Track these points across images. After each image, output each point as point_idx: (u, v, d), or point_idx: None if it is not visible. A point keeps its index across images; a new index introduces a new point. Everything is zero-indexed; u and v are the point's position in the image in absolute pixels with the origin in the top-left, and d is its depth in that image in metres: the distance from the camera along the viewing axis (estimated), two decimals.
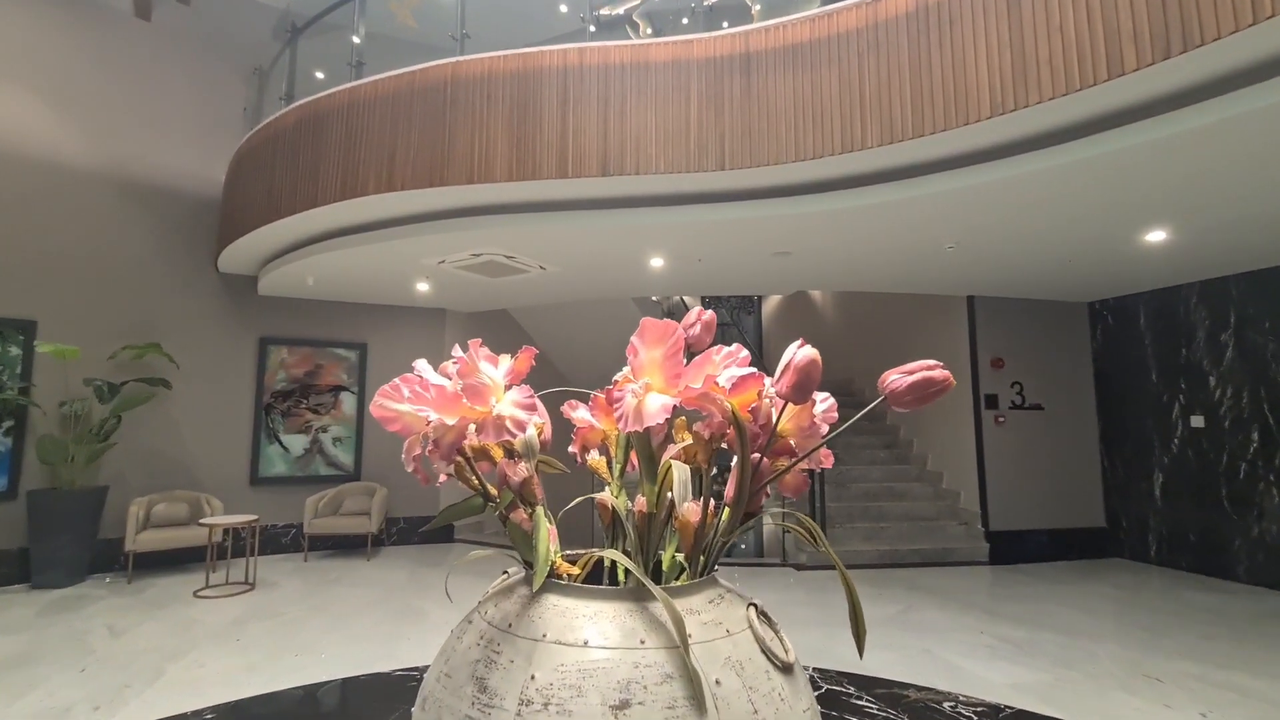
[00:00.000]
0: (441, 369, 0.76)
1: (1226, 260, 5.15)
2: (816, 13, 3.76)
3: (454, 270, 5.64)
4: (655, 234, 4.65)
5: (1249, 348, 5.43)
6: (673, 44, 4.08)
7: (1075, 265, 5.27)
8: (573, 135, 4.06)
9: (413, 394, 0.63)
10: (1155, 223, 4.19)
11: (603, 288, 6.46)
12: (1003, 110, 3.07)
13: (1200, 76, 2.70)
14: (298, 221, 4.94)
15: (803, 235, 4.57)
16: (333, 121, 4.67)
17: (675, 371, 0.65)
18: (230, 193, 5.87)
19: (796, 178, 3.93)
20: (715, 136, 3.88)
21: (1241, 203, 3.82)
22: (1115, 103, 2.93)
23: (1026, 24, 3.03)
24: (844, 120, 3.57)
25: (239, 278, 6.65)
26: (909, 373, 0.74)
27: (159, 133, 6.43)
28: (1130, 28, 2.67)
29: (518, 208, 4.50)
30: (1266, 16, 2.29)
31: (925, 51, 3.35)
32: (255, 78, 6.73)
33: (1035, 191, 3.64)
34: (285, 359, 6.81)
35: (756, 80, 3.86)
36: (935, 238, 4.54)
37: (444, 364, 0.76)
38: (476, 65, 4.31)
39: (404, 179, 4.28)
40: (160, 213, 6.34)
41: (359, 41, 5.42)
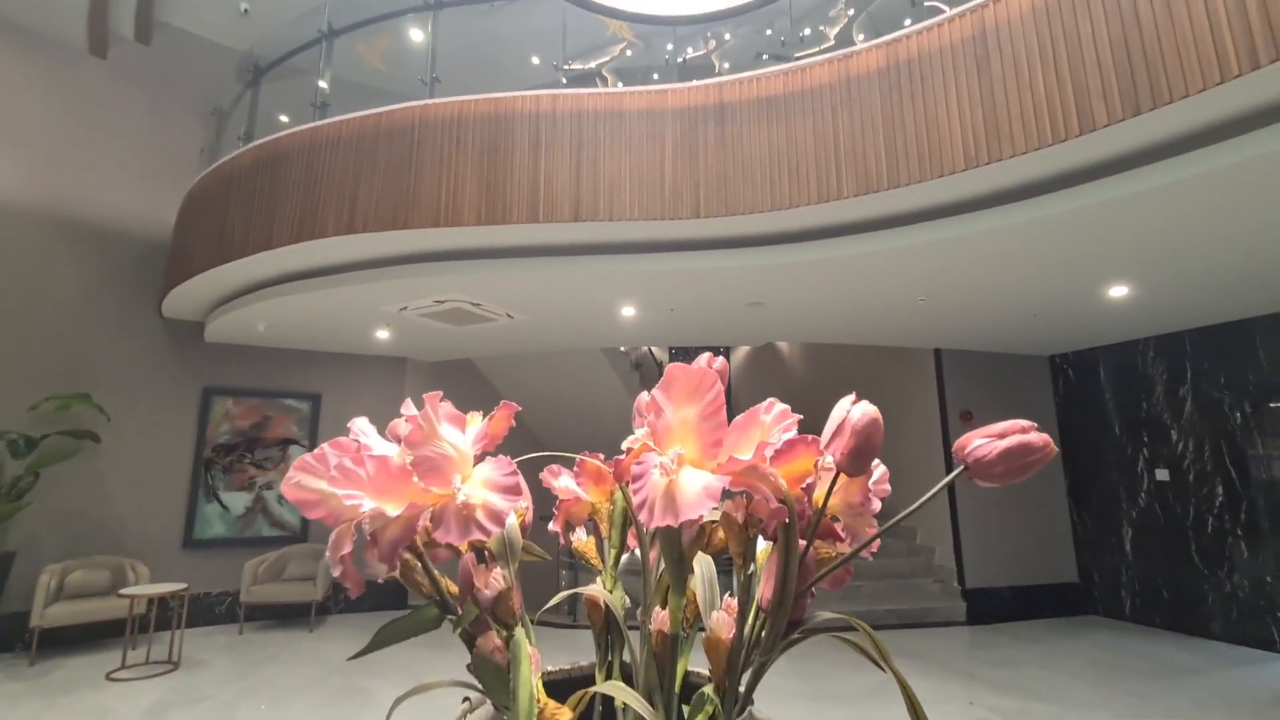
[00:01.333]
0: (392, 429, 0.57)
1: (1181, 316, 5.29)
2: (790, 66, 3.81)
3: (416, 318, 5.41)
4: (628, 282, 4.54)
5: (1206, 401, 5.54)
6: (647, 93, 4.07)
7: (1040, 319, 5.34)
8: (545, 180, 3.96)
9: (341, 470, 0.44)
10: (1118, 277, 4.27)
11: (572, 337, 6.29)
12: (976, 163, 3.08)
13: (1169, 133, 2.75)
14: (250, 264, 4.67)
15: (777, 286, 4.51)
16: (292, 161, 4.49)
17: (715, 437, 0.47)
18: (180, 234, 5.57)
19: (772, 227, 3.89)
20: (690, 184, 3.83)
21: (1200, 258, 3.91)
22: (1086, 158, 2.97)
23: (996, 81, 3.08)
24: (820, 170, 3.56)
25: (184, 324, 6.27)
26: (998, 436, 0.58)
27: (106, 172, 6.14)
28: (1099, 86, 2.72)
29: (486, 253, 4.35)
30: (1233, 75, 2.34)
31: (898, 106, 3.39)
32: (214, 118, 6.53)
33: (1008, 244, 3.66)
34: (230, 410, 6.38)
35: (731, 130, 3.85)
36: (908, 290, 4.54)
37: (395, 422, 0.57)
38: (447, 108, 4.22)
39: (366, 221, 4.09)
40: (102, 254, 5.99)
41: (324, 85, 5.30)
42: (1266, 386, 5.14)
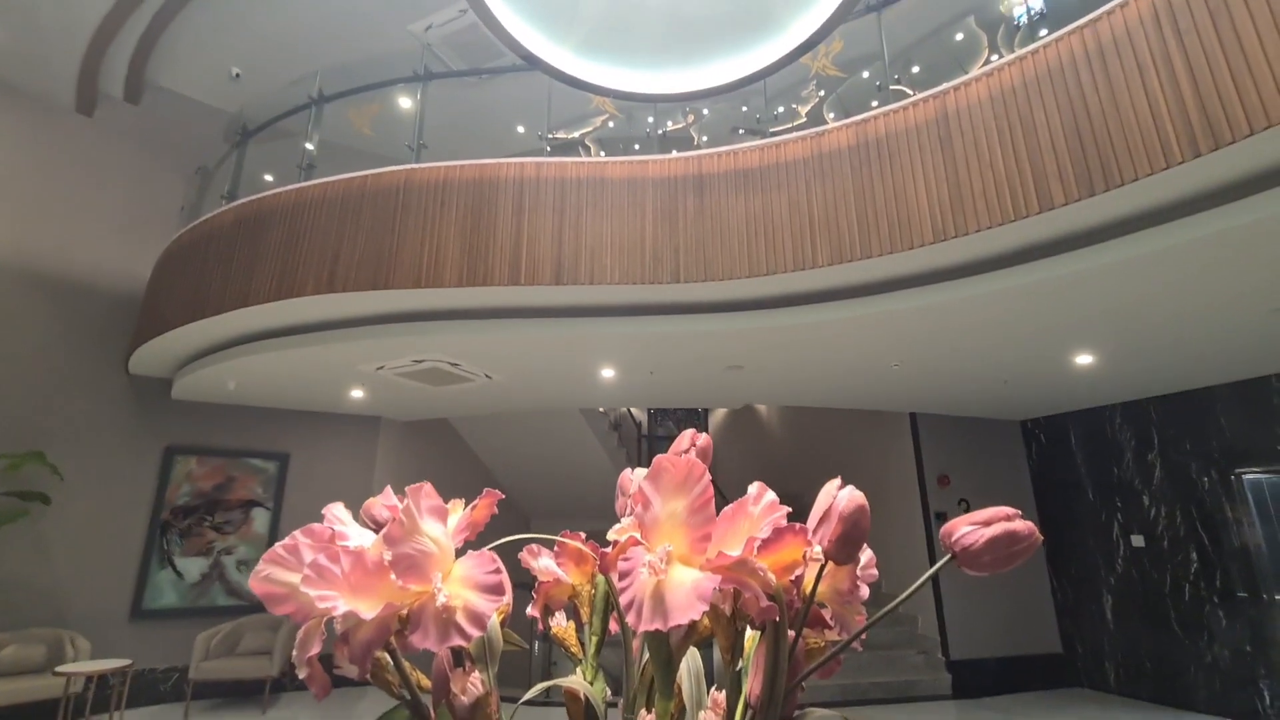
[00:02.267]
0: (367, 510, 0.55)
1: (1144, 384, 5.46)
2: (765, 142, 3.98)
3: (393, 377, 5.34)
4: (607, 345, 4.56)
5: (1174, 468, 5.64)
6: (629, 163, 4.21)
7: (1011, 385, 5.46)
8: (527, 243, 4.02)
9: (316, 569, 0.41)
10: (1083, 346, 4.41)
11: (550, 398, 6.25)
12: (943, 236, 3.21)
13: (1123, 212, 2.90)
14: (225, 321, 4.61)
15: (755, 350, 4.57)
16: (275, 221, 4.51)
17: (704, 531, 0.46)
18: (154, 289, 5.50)
19: (750, 293, 3.97)
20: (670, 250, 3.92)
21: (1159, 329, 4.07)
22: (1047, 233, 3.12)
23: (959, 159, 3.25)
24: (795, 239, 3.67)
25: (150, 380, 6.11)
26: (984, 524, 0.58)
27: (84, 227, 6.10)
28: (1055, 168, 2.88)
29: (466, 314, 4.35)
30: (1177, 162, 2.50)
31: (868, 180, 3.54)
32: (198, 177, 6.57)
33: (976, 313, 3.77)
34: (193, 470, 6.15)
35: (710, 199, 3.98)
36: (882, 355, 4.63)
37: (371, 502, 0.55)
38: (432, 172, 4.31)
39: (347, 280, 4.09)
40: (71, 308, 5.87)
41: (311, 147, 5.40)
42: (1231, 454, 5.26)
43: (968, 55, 5.81)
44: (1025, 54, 3.12)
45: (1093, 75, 2.83)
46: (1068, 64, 2.93)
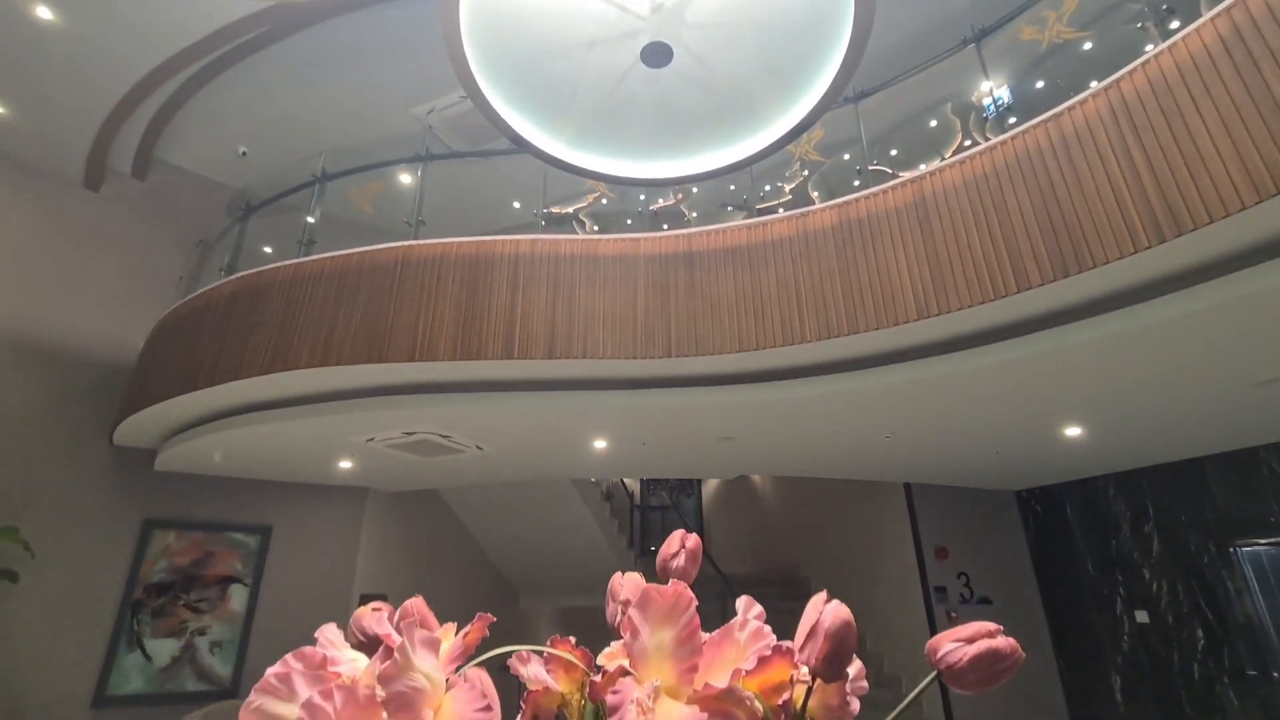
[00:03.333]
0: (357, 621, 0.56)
1: (1135, 455, 5.48)
2: (753, 221, 4.14)
3: (383, 449, 5.29)
4: (600, 417, 4.56)
5: (1172, 540, 5.59)
6: (621, 240, 4.34)
7: (1003, 456, 5.47)
8: (521, 317, 4.09)
9: (309, 709, 0.42)
10: (1071, 419, 4.46)
11: (542, 469, 6.19)
12: (927, 314, 3.30)
13: (1098, 292, 3.01)
14: (216, 393, 4.60)
15: (747, 422, 4.59)
16: (272, 295, 4.57)
17: (691, 663, 0.47)
18: (146, 360, 5.50)
19: (740, 367, 4.02)
20: (662, 325, 3.99)
21: (1144, 403, 4.13)
22: (1027, 311, 3.21)
23: (938, 240, 3.38)
24: (783, 315, 3.76)
25: (134, 452, 6.01)
26: (967, 640, 0.58)
27: (80, 297, 6.15)
28: (1030, 249, 3.01)
29: (459, 387, 4.37)
30: (1145, 247, 2.62)
31: (852, 259, 3.67)
32: (198, 249, 6.71)
33: (963, 387, 3.83)
34: (171, 545, 5.96)
35: (700, 275, 4.09)
36: (873, 427, 4.65)
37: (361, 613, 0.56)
38: (429, 249, 4.42)
39: (341, 354, 4.12)
40: (59, 378, 5.84)
41: (313, 220, 5.55)
42: (1227, 525, 5.23)
43: (942, 139, 6.13)
44: (995, 144, 3.31)
45: (1059, 164, 2.99)
46: (1035, 154, 3.11)
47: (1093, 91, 2.97)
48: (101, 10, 4.89)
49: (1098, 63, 4.38)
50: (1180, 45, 2.67)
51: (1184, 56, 2.64)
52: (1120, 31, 4.15)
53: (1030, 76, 4.77)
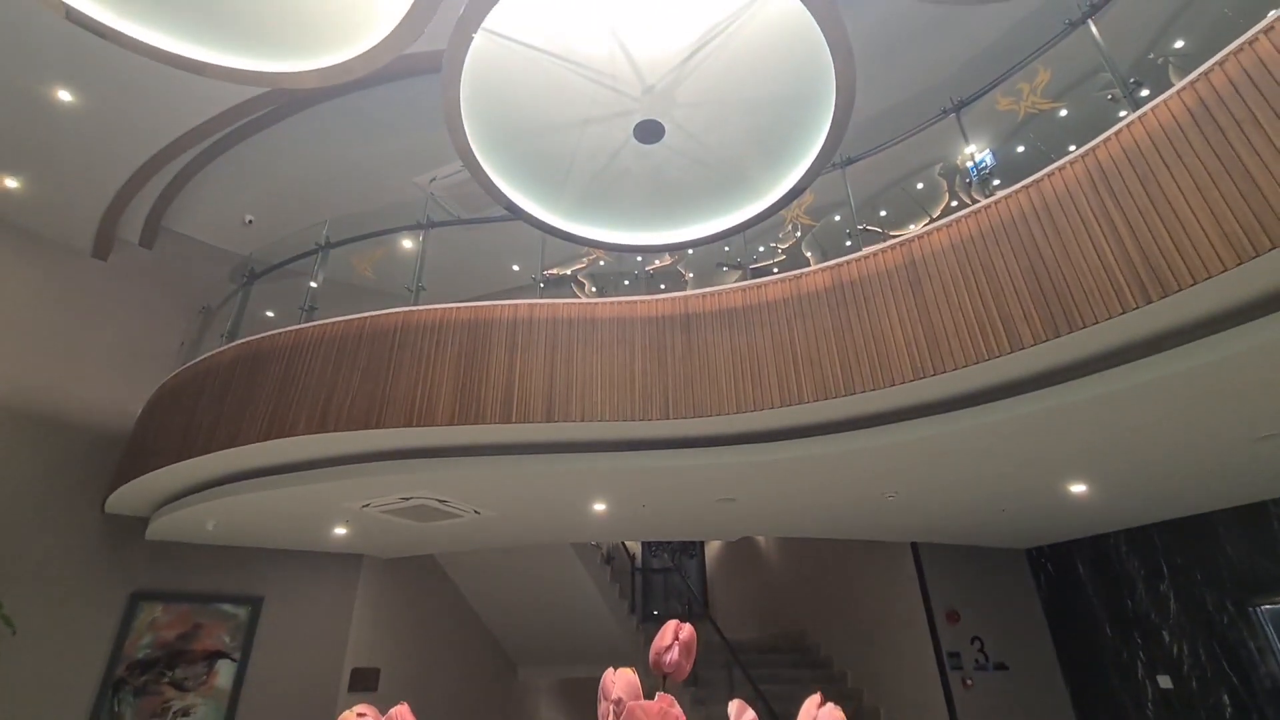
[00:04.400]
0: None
1: (1145, 511, 5.39)
2: (747, 284, 4.21)
3: (379, 514, 5.21)
4: (599, 479, 4.51)
5: (1189, 600, 5.43)
6: (618, 303, 4.40)
7: (1009, 514, 5.38)
8: (519, 381, 4.10)
9: None
10: (1074, 476, 4.40)
11: (540, 533, 6.07)
12: (922, 374, 3.31)
13: (1091, 351, 3.03)
14: (212, 460, 4.56)
15: (746, 483, 4.53)
16: (272, 361, 4.60)
17: None
18: (142, 427, 5.49)
19: (738, 428, 4.01)
20: (659, 387, 4.00)
21: (1146, 459, 4.09)
22: (1022, 371, 3.23)
23: (930, 302, 3.43)
24: (780, 376, 3.77)
25: (126, 520, 5.92)
26: None
27: (80, 363, 6.18)
28: (1020, 311, 3.04)
29: (457, 451, 4.34)
30: (1132, 307, 2.66)
31: (846, 320, 3.71)
32: (200, 315, 6.79)
33: (962, 446, 3.81)
34: (158, 618, 5.78)
35: (697, 337, 4.12)
36: (875, 486, 4.59)
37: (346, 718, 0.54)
38: (429, 314, 4.48)
39: (338, 420, 4.11)
40: (54, 446, 5.80)
41: (315, 285, 5.63)
42: (1243, 584, 5.09)
43: (929, 200, 6.30)
44: (980, 208, 3.40)
45: (1043, 228, 3.07)
46: (1019, 217, 3.19)
47: (1070, 159, 3.07)
48: (118, 91, 5.11)
49: (1075, 128, 4.56)
50: (1150, 115, 2.79)
51: (1154, 126, 2.75)
52: (1094, 97, 4.32)
53: (1011, 142, 4.96)
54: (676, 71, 2.57)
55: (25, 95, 5.04)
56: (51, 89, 5.03)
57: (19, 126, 5.32)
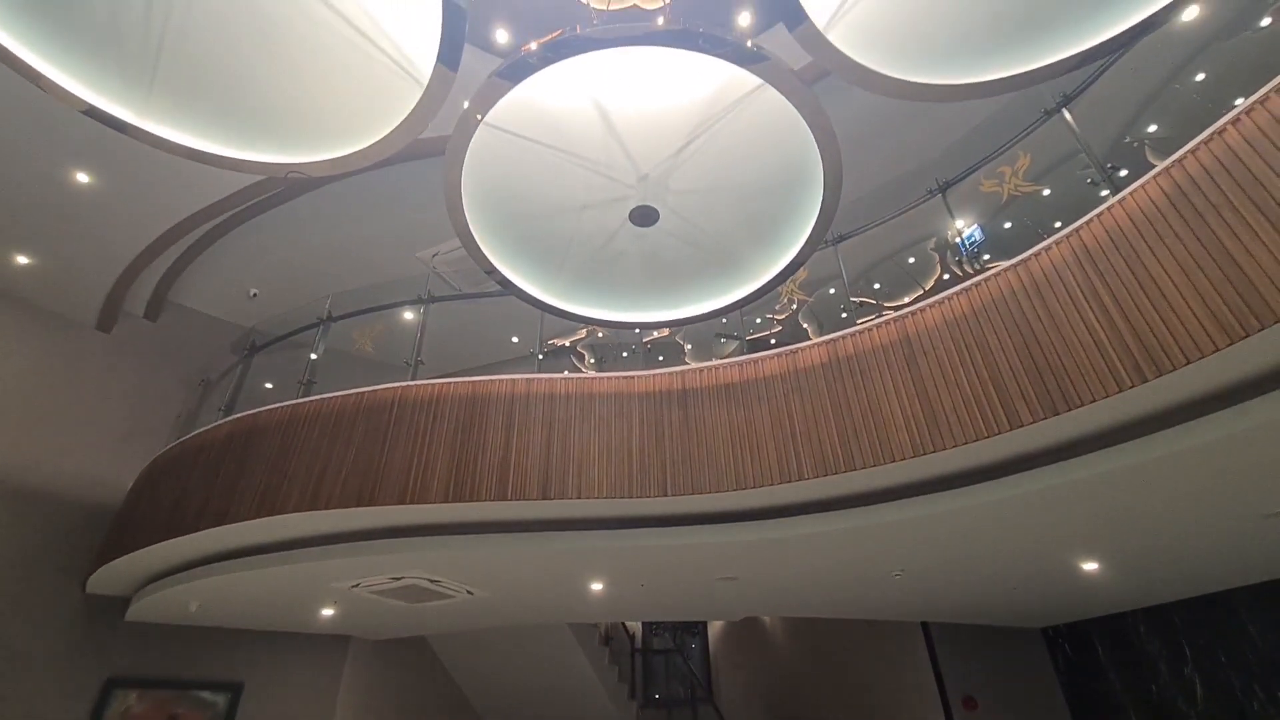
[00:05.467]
0: None
1: (1161, 588, 5.21)
2: (743, 359, 4.22)
3: (368, 595, 5.03)
4: (596, 558, 4.39)
5: (1216, 684, 5.17)
6: (615, 379, 4.40)
7: (1020, 591, 5.20)
8: (515, 456, 4.05)
9: None
10: (1085, 553, 4.28)
11: (536, 613, 5.85)
12: (922, 451, 3.27)
13: (1090, 429, 3.00)
14: (200, 539, 4.45)
15: (748, 561, 4.40)
16: (267, 436, 4.56)
17: None
18: (131, 504, 5.38)
19: (738, 505, 3.93)
20: (657, 463, 3.94)
21: (1155, 536, 3.99)
22: (1022, 447, 3.19)
23: (927, 378, 3.43)
24: (779, 452, 3.72)
25: (106, 601, 5.71)
26: None
27: (77, 437, 6.14)
28: (1017, 388, 3.04)
29: (451, 529, 4.24)
30: (1128, 386, 2.65)
31: (844, 396, 3.70)
32: (200, 388, 6.79)
33: (968, 524, 3.72)
34: (132, 707, 5.49)
35: (694, 413, 4.10)
36: (881, 565, 4.46)
37: None
38: (425, 389, 4.47)
39: (330, 497, 4.03)
40: (41, 522, 5.67)
41: (315, 357, 5.66)
42: (1271, 666, 4.86)
43: (922, 273, 6.42)
44: (971, 285, 3.46)
45: (1033, 306, 3.11)
46: (1009, 295, 3.23)
47: (1056, 239, 3.15)
48: (134, 173, 5.30)
49: (1060, 205, 4.70)
50: (1130, 199, 2.88)
51: (1135, 209, 2.83)
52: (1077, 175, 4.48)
53: (998, 218, 5.09)
54: (670, 161, 2.67)
55: (45, 177, 5.23)
56: (70, 171, 5.23)
57: (36, 206, 5.49)
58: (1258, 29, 4.36)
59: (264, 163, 2.65)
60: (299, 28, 2.19)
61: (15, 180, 5.21)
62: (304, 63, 2.30)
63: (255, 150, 2.63)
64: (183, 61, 2.26)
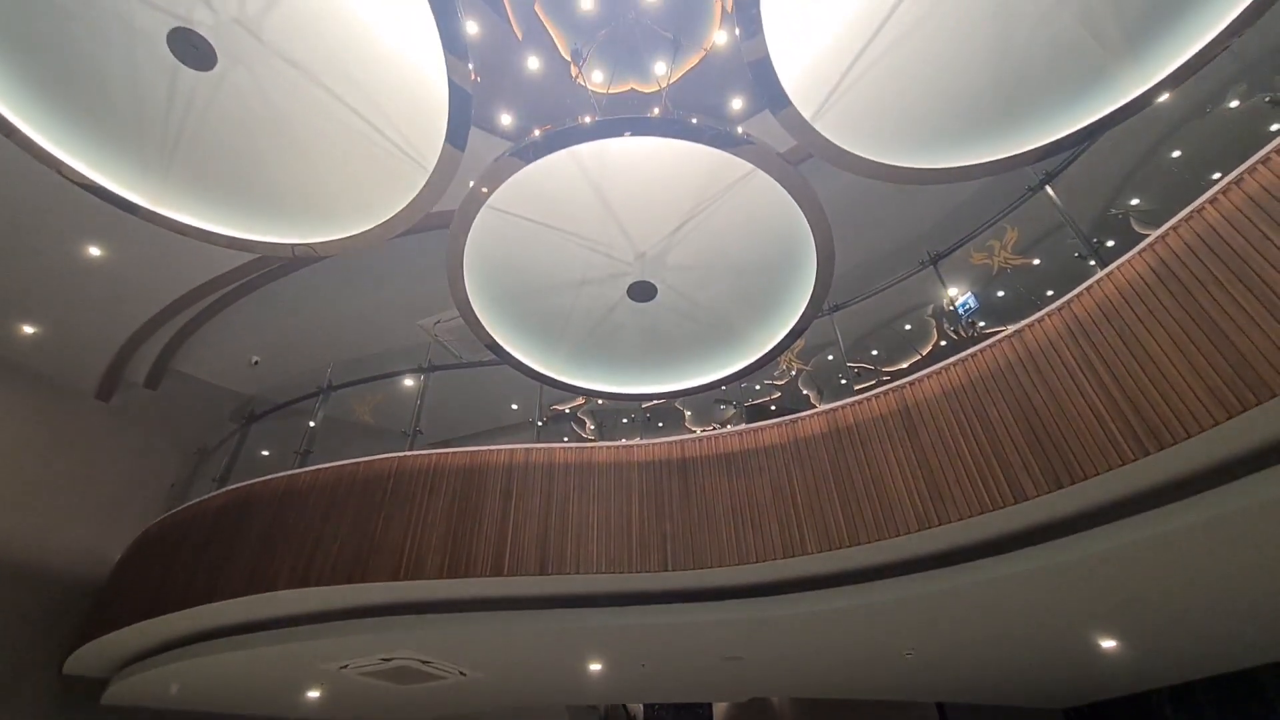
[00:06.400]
0: None
1: (1184, 665, 4.99)
2: (743, 429, 4.20)
3: (357, 676, 4.82)
4: (595, 637, 4.23)
5: None
6: (615, 448, 4.36)
7: (1037, 670, 4.97)
8: (513, 530, 3.96)
9: None
10: (1101, 630, 4.13)
11: (532, 695, 5.59)
12: (927, 525, 3.20)
13: (1099, 501, 2.95)
14: (185, 617, 4.30)
15: (752, 639, 4.24)
16: (260, 509, 4.48)
17: None
18: (117, 579, 5.23)
19: (741, 580, 3.82)
20: (657, 536, 3.86)
21: (1172, 612, 3.85)
22: (1028, 521, 3.12)
23: (928, 448, 3.40)
24: (782, 525, 3.65)
25: (84, 683, 5.47)
26: None
27: (68, 507, 6.03)
28: (1019, 461, 3.01)
29: (444, 607, 4.11)
30: (1131, 460, 2.63)
31: (845, 466, 3.66)
32: (195, 456, 6.73)
33: (979, 600, 3.60)
34: None
35: (694, 483, 4.04)
36: (891, 642, 4.29)
37: None
38: (423, 459, 4.43)
39: (322, 574, 3.92)
40: (19, 597, 5.49)
41: (314, 425, 5.62)
42: None
43: (918, 338, 6.48)
44: (967, 355, 3.48)
45: (1030, 377, 3.12)
46: (1005, 366, 3.25)
47: (1048, 310, 3.19)
48: (145, 246, 5.42)
49: (1052, 274, 4.79)
50: (1117, 273, 2.93)
51: (1123, 283, 2.89)
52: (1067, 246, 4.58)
53: (991, 286, 5.18)
54: (667, 239, 2.75)
55: (59, 250, 5.35)
56: (83, 244, 5.35)
57: (47, 277, 5.59)
58: (1228, 108, 4.57)
59: (274, 243, 2.72)
60: (311, 118, 2.30)
61: (31, 252, 5.33)
62: (314, 149, 2.40)
63: (265, 231, 2.71)
64: (199, 149, 2.36)
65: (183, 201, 2.55)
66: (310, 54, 2.11)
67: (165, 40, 2.01)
